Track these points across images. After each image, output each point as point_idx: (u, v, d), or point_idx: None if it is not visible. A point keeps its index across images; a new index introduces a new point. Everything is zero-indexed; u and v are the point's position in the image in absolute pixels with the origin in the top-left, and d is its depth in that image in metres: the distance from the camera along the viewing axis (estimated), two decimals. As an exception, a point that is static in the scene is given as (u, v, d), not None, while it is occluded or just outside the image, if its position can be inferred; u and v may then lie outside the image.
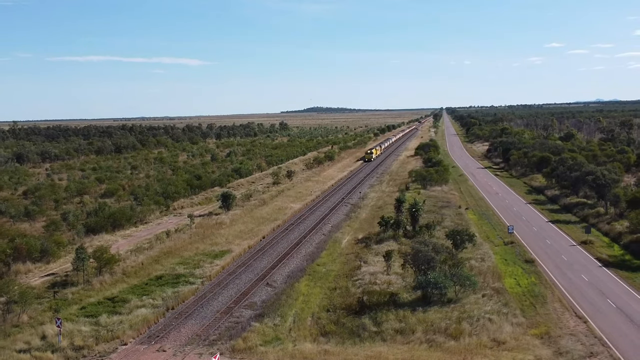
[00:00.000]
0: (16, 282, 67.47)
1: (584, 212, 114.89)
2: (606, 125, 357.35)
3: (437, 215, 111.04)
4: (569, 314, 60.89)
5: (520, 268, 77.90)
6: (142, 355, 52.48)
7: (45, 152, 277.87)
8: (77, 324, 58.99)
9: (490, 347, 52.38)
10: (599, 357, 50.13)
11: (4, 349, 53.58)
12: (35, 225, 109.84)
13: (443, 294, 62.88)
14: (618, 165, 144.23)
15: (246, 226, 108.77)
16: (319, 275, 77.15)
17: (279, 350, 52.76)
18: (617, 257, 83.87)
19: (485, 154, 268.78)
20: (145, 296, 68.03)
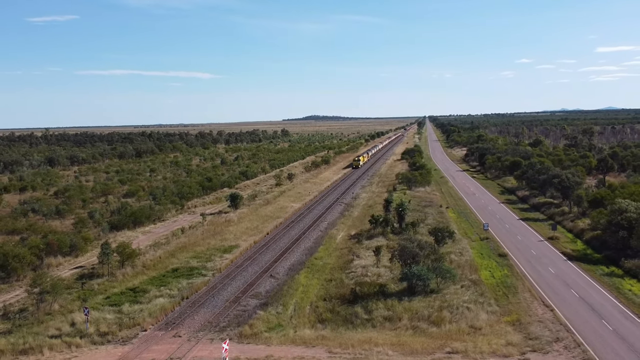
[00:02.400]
0: (48, 274, 67.39)
1: (550, 211, 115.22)
2: (570, 132, 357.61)
3: (421, 213, 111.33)
4: (538, 303, 61.07)
5: (494, 261, 78.09)
6: (160, 341, 52.51)
7: (73, 156, 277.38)
8: (103, 312, 59.09)
9: (468, 332, 52.56)
10: (564, 342, 50.29)
11: (38, 334, 53.53)
12: (65, 223, 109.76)
13: (426, 285, 63.01)
14: (580, 169, 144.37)
15: (252, 223, 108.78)
16: (317, 268, 77.20)
17: (282, 336, 52.87)
18: (579, 251, 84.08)
19: (464, 158, 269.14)
20: (163, 287, 68.13)
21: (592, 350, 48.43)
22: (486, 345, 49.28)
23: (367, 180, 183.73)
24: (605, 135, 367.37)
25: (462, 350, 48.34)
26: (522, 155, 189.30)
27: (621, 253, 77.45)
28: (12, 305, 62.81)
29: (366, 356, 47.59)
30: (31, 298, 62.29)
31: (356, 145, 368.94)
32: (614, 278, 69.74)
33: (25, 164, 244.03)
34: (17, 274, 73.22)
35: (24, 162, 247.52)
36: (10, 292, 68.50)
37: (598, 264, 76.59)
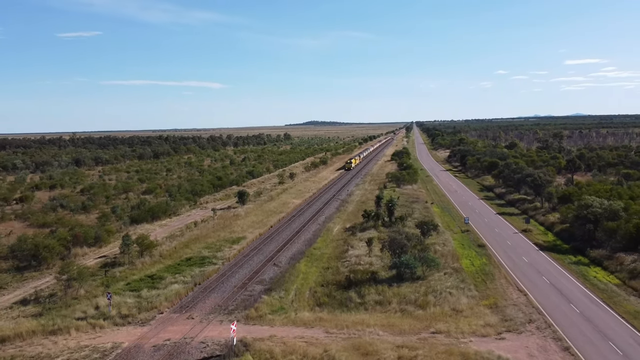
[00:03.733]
0: (75, 263, 67.46)
1: (524, 206, 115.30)
2: (542, 136, 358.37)
3: (409, 208, 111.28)
4: (513, 288, 61.10)
5: (474, 251, 78.10)
6: (175, 322, 52.45)
7: (98, 157, 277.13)
8: (124, 297, 59.01)
9: (450, 315, 52.61)
10: (536, 323, 50.32)
11: (65, 316, 53.50)
12: (90, 217, 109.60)
13: (413, 272, 63.07)
14: (551, 169, 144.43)
15: (257, 217, 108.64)
16: (315, 257, 77.14)
17: (284, 318, 52.86)
18: (550, 242, 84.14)
19: (447, 159, 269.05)
20: (178, 274, 68.03)
21: (561, 331, 48.49)
22: (467, 326, 49.38)
23: (361, 179, 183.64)
24: (573, 138, 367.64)
25: (445, 331, 48.40)
26: (499, 156, 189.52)
27: (587, 244, 77.64)
28: (42, 290, 62.71)
29: (359, 336, 47.59)
30: (59, 284, 62.20)
31: (351, 148, 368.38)
32: (580, 266, 69.86)
33: (55, 164, 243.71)
34: (47, 262, 73.28)
35: (53, 162, 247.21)
36: (41, 278, 68.46)
37: (567, 253, 76.70)
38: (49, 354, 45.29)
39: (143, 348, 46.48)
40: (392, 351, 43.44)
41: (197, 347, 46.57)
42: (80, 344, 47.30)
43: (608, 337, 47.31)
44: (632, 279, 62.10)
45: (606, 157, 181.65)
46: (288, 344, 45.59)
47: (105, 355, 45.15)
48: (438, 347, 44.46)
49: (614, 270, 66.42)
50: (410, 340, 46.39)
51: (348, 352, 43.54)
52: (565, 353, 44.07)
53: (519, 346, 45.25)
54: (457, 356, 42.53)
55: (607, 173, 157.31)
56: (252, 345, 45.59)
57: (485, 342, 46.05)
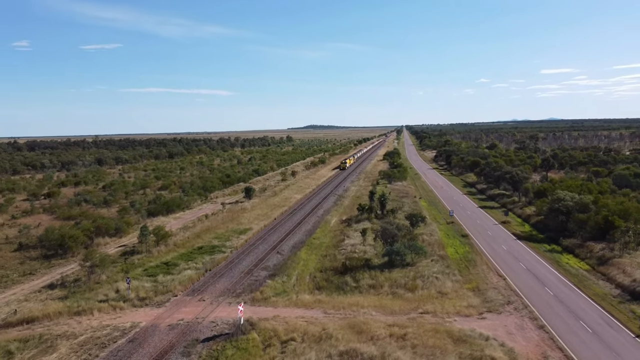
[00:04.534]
0: (97, 251, 67.28)
1: (503, 201, 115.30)
2: (519, 138, 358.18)
3: (399, 202, 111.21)
4: (493, 273, 61.14)
5: (458, 240, 78.11)
6: (188, 304, 52.41)
7: (118, 157, 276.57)
8: (141, 282, 58.92)
9: (436, 297, 52.59)
10: (514, 304, 50.37)
11: (89, 299, 53.44)
12: (111, 210, 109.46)
13: (403, 259, 63.07)
14: (528, 167, 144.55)
15: (262, 211, 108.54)
16: (315, 246, 77.11)
17: (286, 300, 52.82)
18: (527, 232, 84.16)
19: (434, 159, 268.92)
20: (190, 261, 67.92)
21: (536, 311, 48.54)
22: (451, 307, 49.38)
23: (356, 176, 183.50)
24: (547, 140, 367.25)
25: (432, 311, 48.39)
26: (480, 156, 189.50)
27: (560, 234, 77.74)
28: (68, 276, 62.65)
29: (354, 316, 47.58)
30: (83, 270, 62.18)
31: (347, 149, 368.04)
32: (554, 254, 69.93)
33: (79, 163, 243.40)
34: (72, 251, 73.24)
35: (77, 162, 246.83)
36: (66, 265, 68.38)
37: (541, 242, 76.74)
38: (74, 333, 45.25)
39: (159, 327, 46.45)
40: (384, 329, 43.43)
41: (208, 326, 46.54)
42: (102, 324, 47.27)
43: (579, 316, 47.36)
44: (601, 265, 62.18)
45: (577, 157, 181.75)
46: (290, 323, 45.60)
47: (125, 333, 45.11)
48: (425, 325, 44.47)
49: (584, 257, 66.48)
50: (401, 319, 46.38)
51: (344, 330, 43.53)
52: (540, 331, 44.11)
53: (498, 325, 45.28)
54: (443, 334, 42.53)
55: (578, 171, 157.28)
56: (257, 325, 45.60)
57: (468, 321, 46.07)
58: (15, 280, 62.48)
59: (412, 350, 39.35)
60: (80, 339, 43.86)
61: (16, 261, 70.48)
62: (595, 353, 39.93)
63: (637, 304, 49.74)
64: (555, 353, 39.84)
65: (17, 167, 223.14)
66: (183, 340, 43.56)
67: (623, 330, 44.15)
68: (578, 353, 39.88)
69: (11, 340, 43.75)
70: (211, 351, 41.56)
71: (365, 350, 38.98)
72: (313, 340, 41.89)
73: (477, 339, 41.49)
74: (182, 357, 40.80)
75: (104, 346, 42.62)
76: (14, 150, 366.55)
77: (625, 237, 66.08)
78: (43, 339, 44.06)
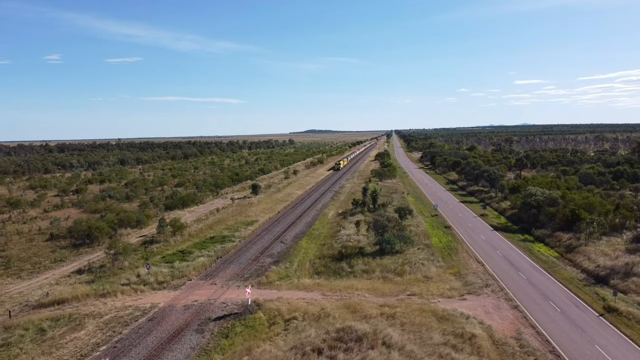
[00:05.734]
0: (120, 241, 67.23)
1: (482, 196, 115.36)
2: (496, 141, 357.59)
3: (389, 197, 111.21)
4: (473, 260, 61.17)
5: (441, 231, 78.11)
6: (201, 287, 52.35)
7: (138, 158, 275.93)
8: (160, 267, 58.86)
9: (422, 280, 52.61)
10: (491, 287, 50.39)
11: (113, 283, 53.36)
12: (132, 205, 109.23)
13: (393, 247, 63.03)
14: (503, 166, 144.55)
15: (267, 205, 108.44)
16: (314, 236, 77.08)
17: (289, 283, 52.79)
18: (502, 224, 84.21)
19: (420, 159, 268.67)
20: (203, 249, 67.89)
21: (511, 293, 48.57)
22: (435, 289, 49.40)
23: (350, 175, 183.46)
24: (521, 143, 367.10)
25: (418, 293, 48.41)
26: (461, 157, 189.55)
27: (532, 225, 77.82)
28: (94, 262, 62.52)
29: (349, 297, 47.57)
30: (108, 257, 62.11)
31: (342, 150, 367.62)
32: (527, 243, 69.97)
33: (104, 163, 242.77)
34: (98, 240, 73.11)
35: (102, 162, 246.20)
36: (92, 253, 68.25)
37: (516, 233, 76.80)
38: (99, 312, 45.18)
39: (175, 307, 46.39)
40: (375, 309, 43.40)
41: (219, 306, 46.49)
42: (125, 304, 47.21)
43: (549, 297, 47.42)
44: (568, 252, 62.26)
45: (547, 157, 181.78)
46: (292, 304, 45.57)
47: (145, 313, 45.05)
48: (413, 305, 44.47)
49: (554, 245, 66.58)
50: (390, 300, 46.37)
51: (340, 310, 43.50)
52: (515, 310, 44.14)
53: (477, 305, 45.31)
54: (428, 313, 42.53)
55: (548, 170, 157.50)
56: (263, 305, 45.56)
57: (451, 302, 46.08)
58: (47, 266, 62.35)
59: (401, 327, 39.33)
60: (106, 318, 43.80)
61: (48, 250, 70.32)
62: (563, 329, 39.99)
63: (601, 287, 49.82)
64: (528, 329, 39.88)
65: (49, 166, 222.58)
66: (197, 319, 43.52)
67: (588, 310, 44.21)
68: (548, 329, 39.92)
69: (44, 319, 43.67)
70: (222, 328, 41.53)
71: (359, 327, 38.93)
72: (313, 319, 41.86)
73: (459, 317, 41.48)
74: (196, 333, 40.76)
75: (126, 324, 42.56)
76: (45, 152, 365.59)
77: (590, 228, 66.16)
78: (72, 318, 43.98)
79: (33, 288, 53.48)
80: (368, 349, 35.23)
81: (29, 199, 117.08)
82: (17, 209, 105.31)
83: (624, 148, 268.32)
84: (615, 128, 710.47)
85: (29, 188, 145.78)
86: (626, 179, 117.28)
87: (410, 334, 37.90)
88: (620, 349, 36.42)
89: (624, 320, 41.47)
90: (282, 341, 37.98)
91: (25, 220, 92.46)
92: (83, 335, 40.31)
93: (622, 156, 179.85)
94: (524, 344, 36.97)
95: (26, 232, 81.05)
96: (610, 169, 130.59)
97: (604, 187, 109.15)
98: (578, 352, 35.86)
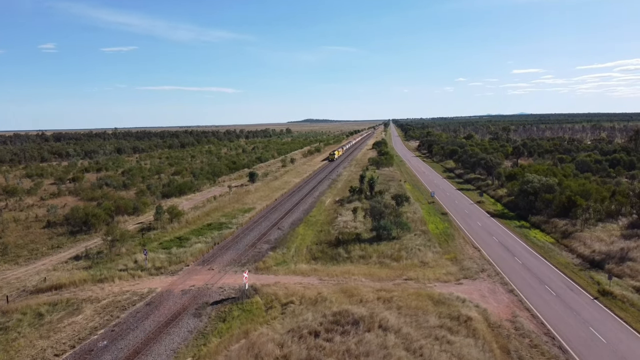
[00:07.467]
0: (118, 228, 67.07)
1: (478, 184, 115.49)
2: (493, 130, 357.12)
3: (386, 185, 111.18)
4: (469, 246, 61.37)
5: (438, 218, 78.25)
6: (199, 272, 52.43)
7: (135, 147, 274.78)
8: (157, 253, 58.86)
9: (419, 266, 52.77)
10: (487, 272, 50.63)
11: (110, 268, 53.36)
12: (129, 193, 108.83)
13: (389, 234, 63.15)
14: (500, 155, 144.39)
15: (265, 193, 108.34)
16: (311, 223, 77.12)
17: (286, 269, 52.92)
18: (499, 211, 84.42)
19: (417, 148, 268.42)
20: (201, 236, 67.86)
21: (507, 277, 48.82)
22: (432, 274, 49.58)
23: (347, 163, 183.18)
24: (518, 132, 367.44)
25: (415, 278, 48.59)
26: (458, 145, 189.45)
27: (528, 212, 77.98)
28: (91, 249, 62.40)
29: (346, 282, 47.72)
30: (105, 244, 62.00)
31: (340, 139, 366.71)
32: (523, 229, 70.20)
33: (100, 152, 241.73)
34: (95, 227, 72.92)
35: (99, 151, 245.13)
36: (90, 240, 68.12)
37: (512, 219, 77.02)
38: (97, 297, 45.23)
39: (173, 292, 46.48)
40: (372, 293, 43.56)
41: (217, 291, 46.60)
42: (122, 289, 47.26)
43: (544, 282, 47.70)
44: (564, 238, 62.53)
45: (544, 146, 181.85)
46: (289, 288, 45.69)
47: (143, 297, 45.13)
48: (409, 290, 44.67)
49: (550, 232, 66.83)
50: (387, 285, 46.54)
51: (337, 294, 43.65)
52: (510, 294, 44.41)
53: (473, 289, 45.56)
54: (425, 297, 42.73)
55: (545, 158, 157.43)
56: (260, 290, 45.69)
57: (447, 286, 46.31)
58: (44, 252, 62.29)
59: (397, 310, 39.53)
60: (103, 303, 43.86)
61: (45, 236, 70.20)
62: (558, 312, 40.27)
63: (596, 271, 50.13)
64: (523, 313, 40.15)
65: (45, 155, 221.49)
66: (194, 304, 43.63)
67: (583, 293, 44.52)
68: (543, 312, 40.21)
69: (41, 304, 43.69)
70: (219, 312, 41.66)
71: (355, 311, 39.10)
72: (310, 303, 42.01)
73: (455, 301, 41.71)
74: (193, 317, 40.89)
75: (124, 308, 42.65)
76: (42, 141, 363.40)
77: (586, 214, 66.40)
78: (70, 302, 44.02)
79: (30, 274, 53.46)
80: (365, 331, 35.42)
81: (26, 187, 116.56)
82: (14, 197, 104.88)
83: (620, 137, 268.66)
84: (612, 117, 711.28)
85: (26, 176, 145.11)
86: (622, 167, 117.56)
87: (407, 317, 38.10)
88: (614, 331, 36.74)
89: (619, 303, 41.79)
90: (279, 324, 38.14)
91: (22, 208, 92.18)
92: (81, 320, 40.38)
93: (618, 145, 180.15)
94: (519, 326, 37.24)
95: (23, 220, 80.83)
96: (607, 157, 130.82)
97: (600, 175, 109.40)
98: (572, 334, 36.15)
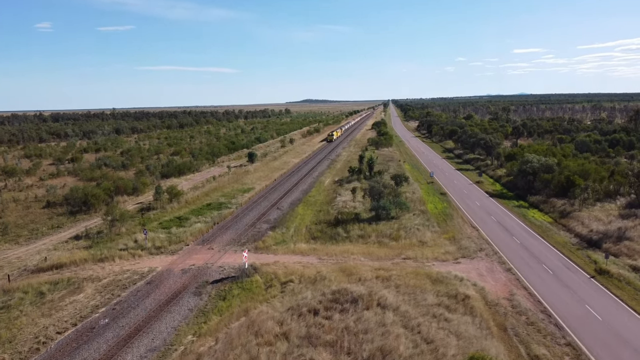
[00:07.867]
0: (117, 207, 67.03)
1: (477, 164, 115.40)
2: (493, 110, 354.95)
3: (385, 165, 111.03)
4: (467, 225, 61.56)
5: (437, 198, 78.34)
6: (198, 252, 52.68)
7: (134, 127, 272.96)
8: (157, 233, 59.00)
9: (417, 245, 53.00)
10: (485, 251, 50.91)
11: (110, 248, 53.55)
12: (128, 173, 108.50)
13: (388, 213, 63.27)
14: (500, 135, 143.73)
15: (264, 173, 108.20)
16: (310, 203, 77.21)
17: (285, 248, 53.15)
18: (498, 191, 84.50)
19: (416, 128, 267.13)
20: (200, 216, 67.97)
21: (505, 256, 49.13)
22: (430, 253, 49.85)
23: (347, 143, 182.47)
24: (518, 112, 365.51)
25: (413, 257, 48.88)
26: (458, 125, 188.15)
27: (527, 192, 78.09)
28: (91, 228, 62.54)
29: (345, 261, 47.99)
30: (105, 223, 62.13)
31: (339, 120, 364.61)
32: (521, 209, 70.36)
33: (99, 132, 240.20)
34: (95, 207, 72.95)
35: (97, 131, 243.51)
36: (90, 220, 68.21)
37: (511, 199, 77.15)
38: (98, 276, 45.51)
39: (173, 271, 46.77)
40: (371, 272, 43.82)
41: (216, 270, 46.89)
42: (123, 269, 47.54)
43: (541, 260, 48.01)
44: (562, 218, 62.74)
45: (544, 126, 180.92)
46: (289, 267, 45.99)
47: (143, 276, 45.42)
48: (407, 269, 44.95)
49: (548, 211, 67.02)
50: (386, 264, 46.85)
51: (336, 273, 43.94)
52: (508, 273, 44.75)
53: (471, 268, 45.87)
54: (423, 276, 43.02)
55: (545, 138, 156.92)
56: (260, 269, 45.96)
57: (445, 265, 46.62)
58: (44, 232, 62.43)
59: (396, 289, 39.83)
60: (104, 282, 44.16)
61: (45, 217, 70.26)
62: (554, 291, 40.64)
63: (593, 251, 50.44)
64: (520, 291, 40.51)
65: (43, 136, 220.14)
66: (194, 282, 43.95)
67: (580, 272, 44.86)
68: (540, 291, 40.57)
69: (43, 283, 43.96)
70: (219, 291, 42.00)
71: (354, 289, 39.36)
72: (309, 282, 42.32)
73: (453, 279, 42.03)
74: (194, 296, 41.23)
75: (125, 287, 42.96)
76: (39, 121, 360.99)
77: (584, 194, 66.48)
78: (71, 281, 44.31)
79: (31, 253, 53.68)
80: (363, 309, 35.73)
81: (25, 168, 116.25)
82: (13, 177, 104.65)
83: (620, 117, 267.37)
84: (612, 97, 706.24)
85: (24, 157, 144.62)
86: (622, 147, 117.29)
87: (405, 296, 38.40)
88: (609, 309, 37.12)
89: (615, 281, 42.15)
90: (278, 303, 38.47)
91: (22, 188, 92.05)
92: (82, 298, 40.70)
93: (618, 125, 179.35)
94: (516, 304, 37.61)
95: (22, 200, 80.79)
96: (607, 137, 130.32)
97: (599, 155, 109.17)
98: (569, 312, 36.54)
